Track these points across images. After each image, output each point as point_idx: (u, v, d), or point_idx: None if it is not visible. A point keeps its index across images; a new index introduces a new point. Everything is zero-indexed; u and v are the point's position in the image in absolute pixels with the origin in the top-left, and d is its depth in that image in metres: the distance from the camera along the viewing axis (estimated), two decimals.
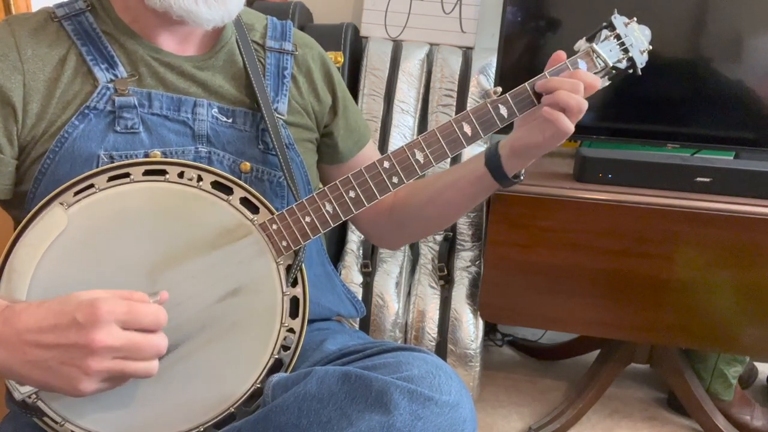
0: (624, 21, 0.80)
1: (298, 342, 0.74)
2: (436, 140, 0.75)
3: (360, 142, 0.95)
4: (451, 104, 1.60)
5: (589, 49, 0.78)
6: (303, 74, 0.87)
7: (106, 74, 0.75)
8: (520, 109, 0.76)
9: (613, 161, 1.36)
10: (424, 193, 0.88)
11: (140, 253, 0.69)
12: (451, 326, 1.48)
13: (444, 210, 0.88)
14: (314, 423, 0.60)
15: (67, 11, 0.76)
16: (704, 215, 1.29)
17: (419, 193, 0.89)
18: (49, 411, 0.66)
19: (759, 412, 1.57)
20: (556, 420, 1.54)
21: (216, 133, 0.78)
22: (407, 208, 0.91)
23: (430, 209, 0.88)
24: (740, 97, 1.43)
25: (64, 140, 0.72)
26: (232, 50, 0.82)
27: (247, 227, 0.71)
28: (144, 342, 0.59)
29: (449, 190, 0.86)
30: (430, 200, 0.88)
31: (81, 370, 0.57)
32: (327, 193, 0.73)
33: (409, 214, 0.91)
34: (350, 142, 0.93)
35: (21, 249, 0.66)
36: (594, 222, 1.33)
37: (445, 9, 1.69)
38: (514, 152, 0.79)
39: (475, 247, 1.60)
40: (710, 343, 1.43)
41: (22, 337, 0.58)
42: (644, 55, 0.82)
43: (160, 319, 0.61)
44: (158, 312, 0.61)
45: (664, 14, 1.41)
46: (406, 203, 0.91)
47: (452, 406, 0.61)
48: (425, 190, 0.88)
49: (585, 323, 1.43)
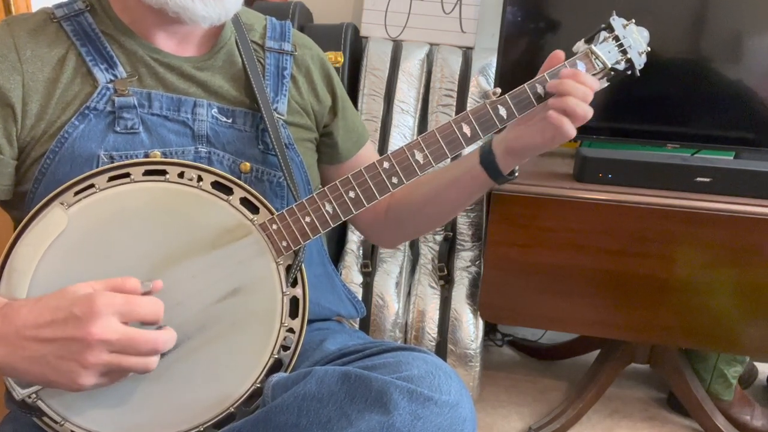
0: (622, 23, 0.81)
1: (298, 342, 0.74)
2: (436, 141, 0.75)
3: (359, 142, 0.95)
4: (451, 104, 1.60)
5: (588, 50, 0.78)
6: (302, 74, 0.87)
7: (106, 74, 0.75)
8: (519, 111, 0.76)
9: (613, 161, 1.36)
10: (419, 191, 0.89)
11: (140, 253, 0.69)
12: (451, 326, 1.48)
13: (440, 208, 0.89)
14: (314, 423, 0.60)
15: (67, 12, 0.76)
16: (704, 215, 1.29)
17: (415, 191, 0.89)
18: (48, 410, 0.66)
19: (759, 412, 1.57)
20: (556, 420, 1.55)
21: (216, 133, 0.78)
22: (404, 206, 0.91)
23: (427, 208, 0.89)
24: (740, 97, 1.43)
25: (64, 140, 0.72)
26: (231, 50, 0.82)
27: (247, 227, 0.71)
28: (141, 336, 0.59)
29: (445, 189, 0.86)
30: (426, 199, 0.88)
31: (79, 364, 0.58)
32: (327, 194, 0.73)
33: (405, 212, 0.92)
34: (349, 143, 0.93)
35: (21, 248, 0.66)
36: (594, 222, 1.33)
37: (445, 9, 1.69)
38: (510, 151, 0.79)
39: (475, 247, 1.60)
40: (710, 343, 1.43)
41: (20, 333, 0.59)
42: (642, 57, 0.82)
43: (157, 310, 0.61)
44: (155, 303, 0.61)
45: (664, 14, 1.41)
46: (402, 202, 0.91)
47: (452, 406, 0.61)
48: (421, 189, 0.89)
49: (585, 323, 1.43)
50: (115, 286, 0.61)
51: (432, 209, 0.89)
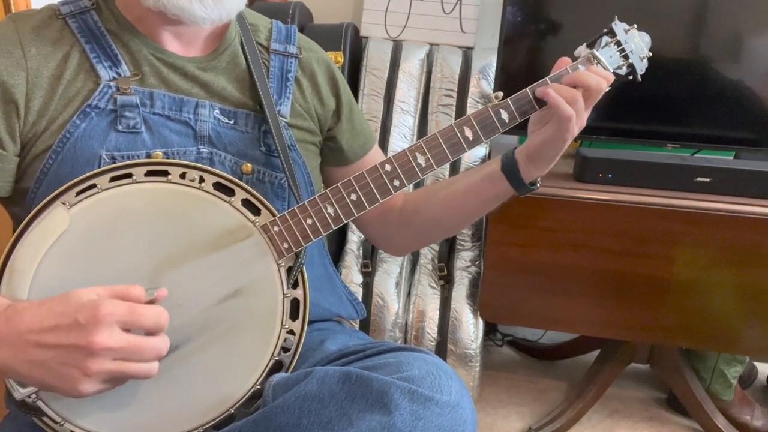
0: (624, 27, 0.81)
1: (299, 344, 0.74)
2: (438, 144, 0.75)
3: (366, 145, 0.95)
4: (451, 104, 1.60)
5: (590, 55, 0.79)
6: (307, 78, 0.87)
7: (109, 72, 0.75)
8: (521, 114, 0.77)
9: (613, 161, 1.36)
10: (436, 197, 0.89)
11: (142, 254, 0.69)
12: (451, 326, 1.48)
13: (455, 214, 0.88)
14: (315, 423, 0.60)
15: (72, 9, 0.76)
16: (704, 215, 1.29)
17: (431, 197, 0.89)
18: (48, 411, 0.66)
19: (759, 412, 1.57)
20: (556, 420, 1.55)
21: (218, 134, 0.78)
22: (418, 211, 0.91)
23: (442, 214, 0.89)
24: (740, 97, 1.43)
25: (66, 140, 0.72)
26: (235, 52, 0.82)
27: (248, 229, 0.71)
28: (144, 344, 0.59)
29: (462, 195, 0.86)
30: (442, 204, 0.88)
31: (81, 371, 0.58)
32: (328, 196, 0.73)
33: (419, 217, 0.91)
34: (356, 145, 0.93)
35: (22, 248, 0.66)
36: (594, 222, 1.34)
37: (445, 9, 1.69)
38: (530, 156, 0.80)
39: (475, 247, 1.60)
40: (710, 343, 1.43)
41: (23, 337, 0.58)
42: (644, 62, 0.83)
43: (161, 320, 0.61)
44: (160, 313, 0.61)
45: (665, 14, 1.41)
46: (417, 207, 0.91)
47: (453, 407, 0.61)
48: (437, 194, 0.89)
49: (585, 323, 1.43)
50: (120, 294, 0.60)
51: (446, 215, 0.89)
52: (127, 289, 0.61)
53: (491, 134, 0.77)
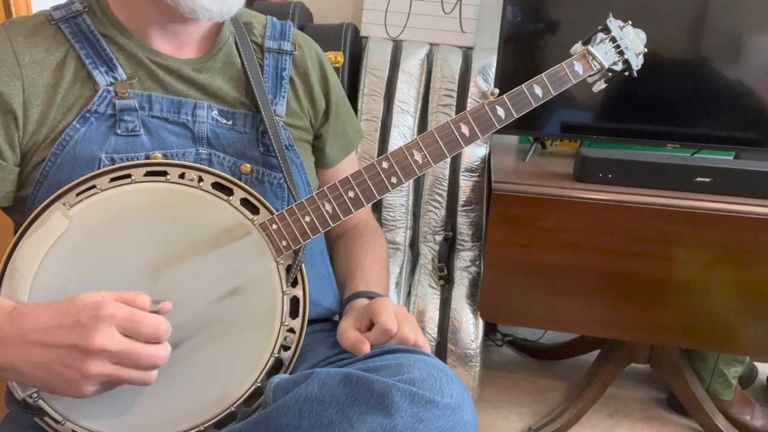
0: (619, 24, 0.81)
1: (298, 342, 0.74)
2: (434, 141, 0.76)
3: (346, 148, 0.95)
4: (451, 104, 1.60)
5: (585, 51, 0.79)
6: (300, 76, 0.87)
7: (106, 77, 0.74)
8: (517, 111, 0.77)
9: (613, 161, 1.36)
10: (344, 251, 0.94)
11: (141, 253, 0.69)
12: (451, 326, 1.48)
13: None
14: (315, 425, 0.60)
15: (64, 13, 0.76)
16: (704, 215, 1.29)
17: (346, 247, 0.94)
18: (50, 410, 0.66)
19: (759, 412, 1.57)
20: (556, 420, 1.55)
21: (216, 135, 0.78)
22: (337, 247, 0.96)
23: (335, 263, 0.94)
24: (740, 97, 1.43)
25: (65, 143, 0.72)
26: (230, 51, 0.82)
27: (247, 227, 0.71)
28: (142, 351, 0.59)
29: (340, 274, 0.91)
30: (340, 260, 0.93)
31: (80, 373, 0.58)
32: (326, 193, 0.73)
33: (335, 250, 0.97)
34: (336, 148, 0.93)
35: (23, 249, 0.67)
36: (594, 222, 1.33)
37: (445, 9, 1.69)
38: None
39: (475, 247, 1.60)
40: (710, 343, 1.43)
41: (27, 338, 0.59)
42: (640, 58, 0.83)
43: (160, 331, 0.60)
44: (159, 324, 0.60)
45: (664, 14, 1.41)
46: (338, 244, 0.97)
47: (453, 409, 0.61)
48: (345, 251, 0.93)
49: (585, 323, 1.43)
50: (125, 299, 0.60)
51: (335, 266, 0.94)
52: (133, 296, 0.61)
53: (487, 131, 0.77)
